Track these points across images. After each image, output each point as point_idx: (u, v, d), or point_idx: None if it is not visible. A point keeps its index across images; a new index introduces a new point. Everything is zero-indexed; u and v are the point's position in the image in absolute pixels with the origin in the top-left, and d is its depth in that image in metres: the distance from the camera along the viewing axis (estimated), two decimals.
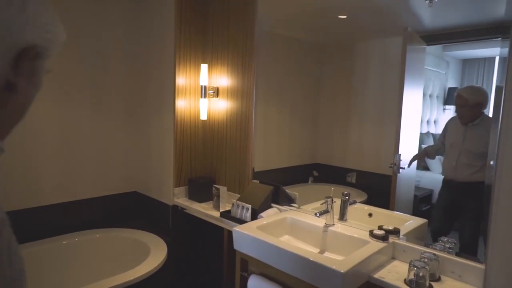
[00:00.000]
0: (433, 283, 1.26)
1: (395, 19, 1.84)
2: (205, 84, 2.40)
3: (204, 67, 2.38)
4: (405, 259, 1.45)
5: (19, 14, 0.49)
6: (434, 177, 1.77)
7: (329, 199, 1.65)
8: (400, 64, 1.75)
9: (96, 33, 2.32)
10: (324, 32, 2.24)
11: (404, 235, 1.54)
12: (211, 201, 2.30)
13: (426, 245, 1.45)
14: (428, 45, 1.71)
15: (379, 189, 1.90)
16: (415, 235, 1.58)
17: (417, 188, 1.80)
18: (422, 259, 1.29)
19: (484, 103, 1.63)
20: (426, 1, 1.59)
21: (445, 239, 1.42)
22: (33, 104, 0.58)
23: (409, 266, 1.26)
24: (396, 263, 1.45)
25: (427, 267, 1.24)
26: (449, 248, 1.39)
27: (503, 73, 1.22)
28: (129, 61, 2.51)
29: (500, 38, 1.27)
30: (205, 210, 2.22)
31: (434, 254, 1.33)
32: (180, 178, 2.44)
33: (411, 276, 1.26)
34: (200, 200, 2.38)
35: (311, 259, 1.29)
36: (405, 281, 1.27)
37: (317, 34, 2.26)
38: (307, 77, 2.31)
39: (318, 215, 1.61)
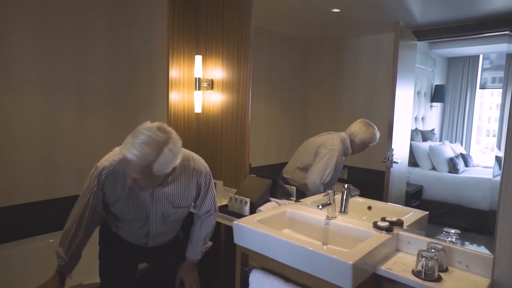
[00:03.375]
0: (441, 274, 1.24)
1: (387, 13, 1.82)
2: (199, 76, 2.33)
3: (198, 58, 2.32)
4: (410, 251, 1.42)
5: (174, 159, 1.26)
6: (423, 173, 1.79)
7: (331, 191, 1.61)
8: (393, 58, 1.73)
9: (77, 25, 2.16)
10: (315, 27, 2.20)
11: (407, 227, 1.52)
12: None
13: (431, 236, 1.43)
14: (418, 40, 1.70)
15: (371, 185, 1.88)
16: (417, 227, 1.56)
17: (407, 184, 1.81)
18: (430, 250, 1.26)
19: None
20: None
21: (450, 230, 1.40)
22: (13, 99, 1.13)
23: (417, 257, 1.24)
24: (401, 254, 1.43)
25: (436, 257, 1.21)
26: (455, 238, 1.37)
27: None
28: (113, 54, 2.34)
29: (507, 32, 1.26)
30: None
31: (440, 245, 1.30)
32: None
33: (419, 267, 1.23)
34: None
35: (318, 251, 1.25)
36: (413, 272, 1.25)
37: (308, 29, 2.22)
38: (296, 73, 2.27)
39: (320, 207, 1.57)
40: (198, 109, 2.37)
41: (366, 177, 1.93)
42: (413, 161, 1.82)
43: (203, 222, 1.64)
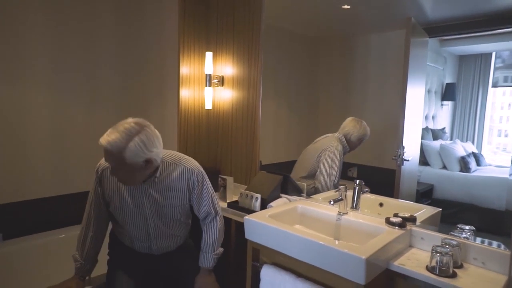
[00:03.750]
0: (456, 270, 1.22)
1: (398, 8, 1.80)
2: (210, 73, 2.34)
3: (209, 55, 2.32)
4: (424, 247, 1.41)
5: (146, 150, 1.31)
6: (434, 172, 1.76)
7: (342, 187, 1.61)
8: (404, 55, 1.71)
9: (86, 20, 2.15)
10: (325, 25, 2.18)
11: (420, 223, 1.50)
12: (217, 193, 2.24)
13: (445, 232, 1.41)
14: (430, 37, 1.68)
15: (381, 183, 1.86)
16: (430, 224, 1.54)
17: (418, 182, 1.78)
18: (444, 246, 1.25)
19: None
20: None
21: (465, 226, 1.38)
22: (24, 96, 1.40)
23: (432, 253, 1.22)
24: (414, 250, 1.41)
25: (451, 253, 1.19)
26: (469, 235, 1.35)
27: None
28: (123, 50, 2.34)
29: None
30: None
31: (455, 241, 1.28)
32: None
33: (434, 263, 1.21)
34: None
35: (330, 245, 1.24)
36: (427, 268, 1.23)
37: (318, 27, 2.20)
38: (305, 71, 2.25)
39: (332, 202, 1.56)
40: (208, 106, 2.37)
41: (376, 176, 1.91)
42: (423, 160, 1.79)
43: (208, 228, 1.63)
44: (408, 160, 1.75)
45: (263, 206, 1.88)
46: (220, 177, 2.18)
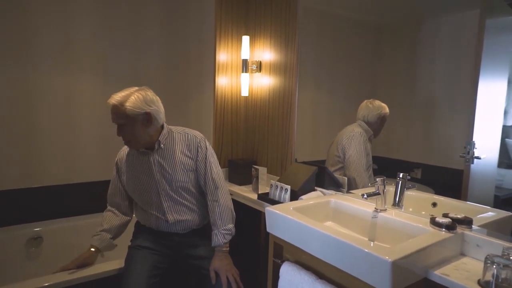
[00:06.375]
0: None
1: None
2: (246, 58, 2.23)
3: (245, 39, 2.22)
4: (479, 256, 1.13)
5: (144, 103, 1.46)
6: None
7: (379, 179, 1.38)
8: (477, 39, 1.42)
9: (133, 13, 2.20)
10: (388, 8, 1.91)
11: (478, 227, 1.21)
12: (250, 184, 2.13)
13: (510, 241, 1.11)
14: None
15: (448, 185, 1.58)
16: (494, 229, 1.24)
17: (498, 188, 1.46)
18: (505, 256, 0.97)
19: None
20: None
21: None
22: (74, 84, 1.61)
23: (485, 263, 0.96)
24: (466, 260, 1.14)
25: None
26: None
27: None
28: (167, 41, 2.34)
29: None
30: (243, 193, 2.05)
31: None
32: (220, 160, 2.30)
33: (489, 277, 0.95)
34: (240, 183, 2.23)
35: (352, 244, 1.05)
36: (479, 283, 0.97)
37: (379, 11, 1.93)
38: (364, 61, 1.99)
39: (365, 196, 1.34)
40: (245, 93, 2.27)
41: (443, 177, 1.63)
42: (507, 162, 1.48)
43: (212, 204, 1.60)
44: (479, 158, 1.45)
45: (294, 198, 1.72)
46: (253, 167, 2.06)
